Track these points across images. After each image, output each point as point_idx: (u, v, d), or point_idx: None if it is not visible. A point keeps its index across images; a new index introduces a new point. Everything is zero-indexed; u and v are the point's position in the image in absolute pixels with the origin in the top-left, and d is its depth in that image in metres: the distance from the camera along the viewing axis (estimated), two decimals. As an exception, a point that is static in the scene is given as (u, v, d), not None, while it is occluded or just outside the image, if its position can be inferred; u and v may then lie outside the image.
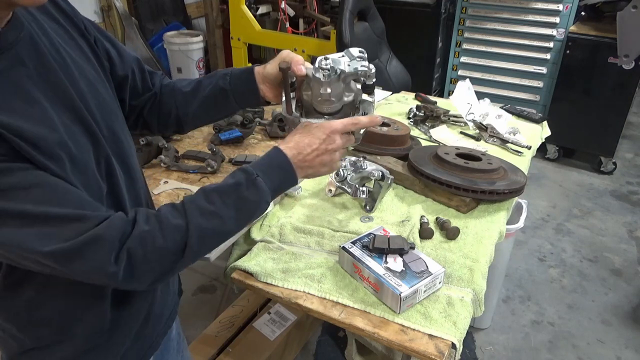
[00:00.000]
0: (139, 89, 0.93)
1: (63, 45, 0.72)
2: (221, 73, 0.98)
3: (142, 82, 0.94)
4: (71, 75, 0.71)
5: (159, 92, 0.97)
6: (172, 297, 0.98)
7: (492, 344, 2.11)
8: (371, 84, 0.92)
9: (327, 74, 0.85)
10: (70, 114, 0.69)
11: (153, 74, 0.97)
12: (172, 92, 0.98)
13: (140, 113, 0.97)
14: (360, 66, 0.89)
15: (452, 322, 1.02)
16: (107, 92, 0.79)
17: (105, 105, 0.76)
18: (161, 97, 0.97)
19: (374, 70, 0.91)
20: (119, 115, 0.81)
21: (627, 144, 3.83)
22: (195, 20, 4.33)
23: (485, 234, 1.29)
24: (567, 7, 3.13)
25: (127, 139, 0.82)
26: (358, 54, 0.90)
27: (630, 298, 2.37)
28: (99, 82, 0.77)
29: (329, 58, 0.86)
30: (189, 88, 0.98)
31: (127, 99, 0.92)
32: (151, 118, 0.98)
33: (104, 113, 0.75)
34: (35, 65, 0.66)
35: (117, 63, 0.86)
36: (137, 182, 0.84)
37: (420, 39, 3.50)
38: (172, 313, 0.97)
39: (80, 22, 0.79)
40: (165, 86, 0.98)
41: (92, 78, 0.75)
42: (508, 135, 1.79)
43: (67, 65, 0.71)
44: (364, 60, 0.90)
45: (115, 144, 0.77)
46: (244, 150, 1.65)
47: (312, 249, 1.24)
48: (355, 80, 0.93)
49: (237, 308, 1.89)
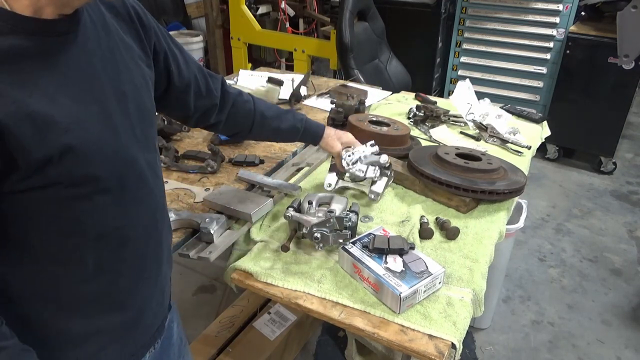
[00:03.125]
0: (202, 92, 1.04)
1: (121, 48, 0.76)
2: (298, 117, 1.25)
3: (206, 86, 1.05)
4: (118, 75, 0.74)
5: (230, 102, 1.11)
6: (163, 310, 0.95)
7: (492, 344, 2.11)
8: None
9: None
10: (100, 108, 0.70)
11: (214, 78, 1.08)
12: (253, 111, 1.16)
13: (205, 114, 1.08)
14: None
15: (452, 322, 1.02)
16: (149, 100, 0.82)
17: (145, 110, 0.79)
18: (237, 108, 1.13)
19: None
20: (154, 122, 0.85)
21: (627, 144, 3.83)
22: (195, 20, 4.33)
23: (485, 234, 1.29)
24: (567, 7, 3.14)
25: (156, 145, 0.86)
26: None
27: (630, 298, 2.37)
28: (143, 89, 0.80)
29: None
30: (270, 113, 1.19)
31: (191, 101, 1.02)
32: (219, 121, 1.12)
33: (141, 116, 0.78)
34: (76, 59, 0.68)
35: (183, 68, 0.96)
36: (160, 183, 0.86)
37: (420, 39, 3.50)
38: (160, 327, 0.93)
39: (144, 31, 0.83)
40: (245, 102, 1.15)
41: (138, 83, 0.79)
42: (508, 135, 1.79)
43: (117, 67, 0.74)
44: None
45: (146, 147, 0.79)
46: (243, 150, 1.65)
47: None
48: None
49: (237, 308, 1.89)
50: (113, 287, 0.79)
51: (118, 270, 0.78)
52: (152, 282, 0.86)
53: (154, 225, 0.83)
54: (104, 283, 0.77)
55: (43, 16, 0.63)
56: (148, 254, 0.83)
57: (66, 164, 0.64)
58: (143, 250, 0.82)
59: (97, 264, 0.74)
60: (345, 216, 1.17)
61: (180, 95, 0.99)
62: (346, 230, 1.17)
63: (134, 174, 0.75)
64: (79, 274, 0.74)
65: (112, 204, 0.72)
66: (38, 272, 0.71)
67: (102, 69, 0.71)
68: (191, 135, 1.76)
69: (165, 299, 0.95)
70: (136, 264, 0.81)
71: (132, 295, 0.82)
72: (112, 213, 0.73)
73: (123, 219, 0.76)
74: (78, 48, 0.68)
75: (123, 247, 0.77)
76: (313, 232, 1.16)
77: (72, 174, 0.66)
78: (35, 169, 0.62)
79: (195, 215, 1.26)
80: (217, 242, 1.20)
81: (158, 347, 0.93)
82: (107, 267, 0.76)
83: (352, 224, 1.18)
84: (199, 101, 1.04)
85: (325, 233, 1.16)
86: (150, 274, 0.85)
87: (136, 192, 0.77)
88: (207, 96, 1.05)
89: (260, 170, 1.52)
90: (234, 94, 1.13)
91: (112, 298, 0.79)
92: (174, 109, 1.04)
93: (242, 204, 1.29)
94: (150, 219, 0.82)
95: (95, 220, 0.71)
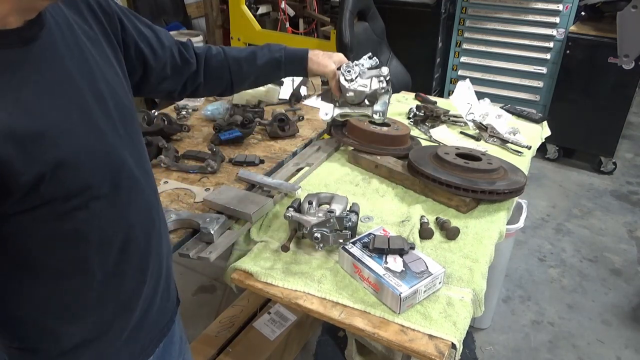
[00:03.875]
0: (178, 65, 1.04)
1: (88, 46, 0.73)
2: (276, 47, 1.18)
3: (181, 57, 1.05)
4: (91, 74, 0.71)
5: (202, 61, 1.10)
6: (171, 305, 0.96)
7: (492, 344, 2.11)
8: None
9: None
10: (82, 113, 0.68)
11: (185, 45, 1.08)
12: (225, 60, 1.13)
13: (186, 84, 1.09)
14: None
15: (452, 322, 1.02)
16: (125, 95, 0.80)
17: (124, 107, 0.77)
18: (210, 64, 1.12)
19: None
20: (135, 117, 0.83)
21: (627, 144, 3.83)
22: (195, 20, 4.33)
23: (485, 234, 1.29)
24: (567, 7, 3.13)
25: (141, 141, 0.84)
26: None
27: (630, 298, 2.37)
28: (118, 85, 0.78)
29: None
30: (243, 55, 1.15)
31: (171, 77, 1.03)
32: (198, 85, 1.11)
33: (122, 115, 0.76)
34: (49, 65, 0.65)
35: (157, 48, 0.96)
36: (150, 180, 0.85)
37: (420, 39, 3.50)
38: (169, 322, 0.95)
39: (108, 20, 0.81)
40: (214, 55, 1.12)
41: (111, 80, 0.76)
42: (508, 135, 1.79)
43: (89, 66, 0.72)
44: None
45: (132, 145, 0.78)
46: (244, 150, 1.65)
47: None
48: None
49: (237, 308, 1.89)
50: (119, 290, 0.79)
51: (123, 272, 0.79)
52: (156, 279, 0.87)
53: (151, 222, 0.83)
54: (110, 287, 0.77)
55: (7, 26, 0.59)
56: (150, 251, 0.84)
57: (60, 178, 0.62)
58: (145, 249, 0.82)
59: (104, 271, 0.75)
60: (345, 216, 1.18)
61: (159, 75, 1.00)
62: (346, 230, 1.17)
63: (125, 175, 0.75)
64: (86, 283, 0.74)
65: (108, 208, 0.72)
66: (41, 287, 0.71)
67: (76, 70, 0.69)
68: (191, 135, 1.76)
69: (172, 294, 0.96)
70: (140, 264, 0.81)
71: (137, 295, 0.82)
72: (109, 217, 0.73)
73: (121, 220, 0.75)
74: (48, 53, 0.65)
75: (126, 249, 0.77)
76: (313, 232, 1.16)
77: (67, 187, 0.64)
78: (27, 190, 0.60)
79: (196, 215, 1.26)
80: (217, 243, 1.20)
81: (161, 345, 0.94)
82: (113, 271, 0.76)
83: (352, 224, 1.18)
84: (178, 75, 1.05)
85: (325, 233, 1.17)
86: (154, 271, 0.86)
87: (129, 192, 0.76)
88: (184, 66, 1.06)
89: (260, 170, 1.52)
90: (203, 52, 1.12)
91: (118, 301, 0.80)
92: (156, 90, 1.04)
93: (242, 204, 1.29)
94: (146, 217, 0.82)
95: (94, 227, 0.71)
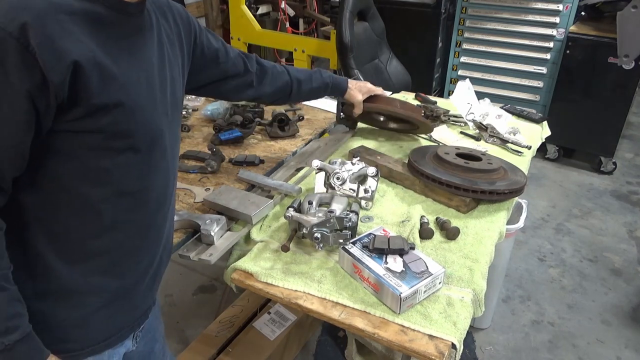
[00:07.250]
0: (240, 73, 1.26)
1: (166, 42, 0.89)
2: (326, 74, 1.47)
3: (244, 67, 1.26)
4: (162, 62, 0.87)
5: (267, 73, 1.32)
6: (150, 298, 1.00)
7: (492, 344, 2.11)
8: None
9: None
10: (147, 83, 0.83)
11: (249, 58, 1.28)
12: (290, 81, 1.37)
13: (244, 87, 1.29)
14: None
15: (452, 322, 1.02)
16: (180, 92, 0.96)
17: (177, 98, 0.93)
18: (275, 80, 1.34)
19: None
20: (181, 110, 0.99)
21: (627, 144, 3.83)
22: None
23: (485, 234, 1.29)
24: (567, 7, 3.13)
25: (179, 131, 0.99)
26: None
27: (630, 298, 2.37)
28: (177, 79, 0.94)
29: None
30: (302, 76, 1.41)
31: (230, 78, 1.24)
32: (262, 94, 1.34)
33: (174, 102, 0.91)
34: (135, 38, 0.81)
35: (222, 58, 1.17)
36: (175, 166, 0.96)
37: (420, 39, 3.50)
38: (143, 315, 0.99)
39: (186, 30, 1.00)
40: (280, 73, 1.36)
41: (175, 74, 0.92)
42: (508, 135, 1.79)
43: (163, 55, 0.87)
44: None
45: (171, 129, 0.90)
46: (243, 150, 1.65)
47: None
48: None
49: (237, 308, 1.89)
50: (118, 248, 0.86)
51: (127, 231, 0.86)
52: (149, 258, 0.92)
53: (164, 199, 0.92)
54: (111, 241, 0.84)
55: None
56: (153, 225, 0.91)
57: (115, 115, 0.75)
58: (151, 219, 0.90)
59: (112, 221, 0.82)
60: (346, 216, 1.18)
61: (220, 78, 1.21)
62: (346, 231, 1.17)
63: (160, 145, 0.86)
64: (92, 227, 0.81)
65: (138, 164, 0.82)
66: (55, 217, 0.78)
67: (153, 53, 0.84)
68: (191, 135, 1.76)
69: (155, 287, 1.00)
70: (142, 230, 0.89)
71: (131, 262, 0.89)
72: (136, 173, 0.83)
73: (144, 181, 0.85)
74: (139, 30, 0.82)
75: (137, 209, 0.86)
76: (313, 232, 1.16)
77: (117, 125, 0.76)
78: (91, 112, 0.72)
79: (196, 215, 1.26)
80: (217, 244, 1.20)
81: (142, 343, 1.01)
82: (119, 225, 0.84)
83: (352, 224, 1.19)
84: (238, 79, 1.26)
85: (326, 233, 1.17)
86: (149, 247, 0.92)
87: (159, 161, 0.87)
88: (245, 74, 1.26)
89: (260, 171, 1.52)
90: (269, 67, 1.34)
91: (114, 260, 0.85)
92: (218, 90, 1.25)
93: (242, 205, 1.29)
94: (162, 191, 0.91)
95: (120, 175, 0.80)
